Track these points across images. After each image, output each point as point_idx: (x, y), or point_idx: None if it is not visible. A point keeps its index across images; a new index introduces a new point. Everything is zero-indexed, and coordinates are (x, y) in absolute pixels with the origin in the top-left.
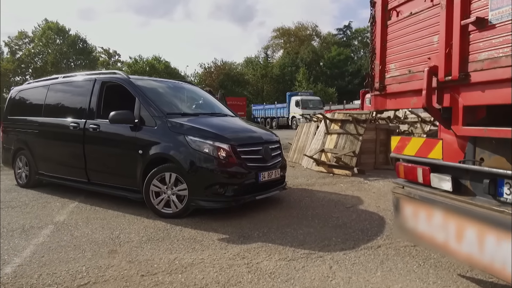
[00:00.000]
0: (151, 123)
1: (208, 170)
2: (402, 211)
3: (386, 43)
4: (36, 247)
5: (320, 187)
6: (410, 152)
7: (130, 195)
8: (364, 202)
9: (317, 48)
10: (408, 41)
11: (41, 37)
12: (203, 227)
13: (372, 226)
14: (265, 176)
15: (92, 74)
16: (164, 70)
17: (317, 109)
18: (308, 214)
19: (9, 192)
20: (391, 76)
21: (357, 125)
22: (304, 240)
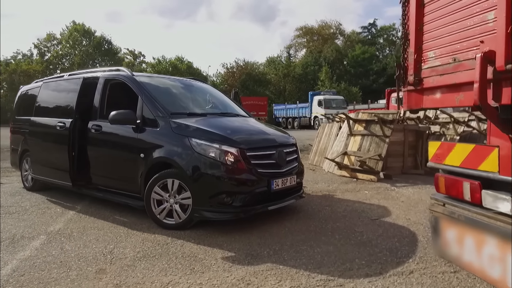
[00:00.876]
0: (154, 124)
1: (213, 177)
2: (443, 234)
3: (423, 26)
4: (20, 262)
5: (342, 194)
6: (454, 162)
7: (132, 202)
8: (391, 213)
9: (341, 46)
10: (453, 21)
11: (68, 39)
12: (207, 242)
13: (402, 245)
14: (278, 183)
15: (96, 72)
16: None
17: (341, 108)
18: (327, 228)
19: (13, 196)
20: (430, 67)
21: (384, 125)
22: (322, 262)
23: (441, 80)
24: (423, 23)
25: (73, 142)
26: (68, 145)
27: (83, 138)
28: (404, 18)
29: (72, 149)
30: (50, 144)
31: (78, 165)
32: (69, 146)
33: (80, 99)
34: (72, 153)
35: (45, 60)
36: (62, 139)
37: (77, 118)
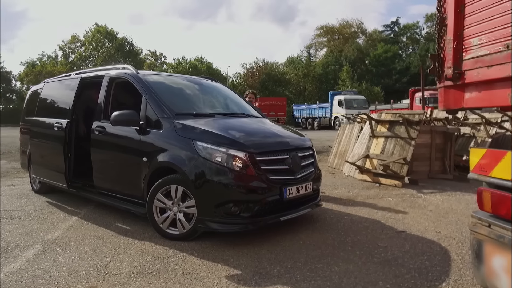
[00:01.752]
0: (158, 126)
1: (220, 184)
2: (488, 261)
3: (464, 7)
4: (6, 277)
5: (363, 201)
6: (504, 175)
7: (135, 208)
8: (419, 224)
9: (362, 45)
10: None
11: (91, 41)
12: (212, 256)
13: (432, 264)
14: (292, 191)
15: (102, 70)
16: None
17: (362, 109)
18: (347, 241)
19: (20, 198)
20: (474, 57)
21: (409, 127)
22: (340, 284)
23: (488, 72)
24: (465, 4)
25: (70, 143)
26: (64, 146)
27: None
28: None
29: (68, 151)
30: (47, 144)
31: (82, 167)
32: (64, 147)
33: (78, 100)
34: (68, 154)
35: (69, 61)
36: (59, 140)
37: (73, 119)
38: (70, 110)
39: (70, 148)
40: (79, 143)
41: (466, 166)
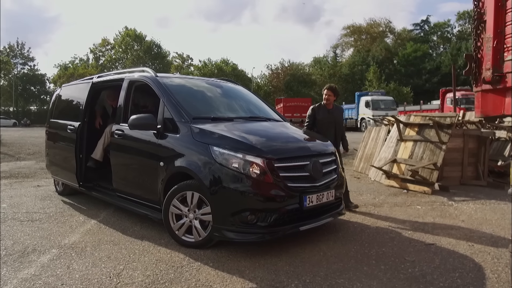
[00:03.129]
0: (175, 130)
1: (236, 191)
2: None
3: (507, 1)
4: (20, 283)
5: (389, 210)
6: None
7: (152, 214)
8: (450, 236)
9: (391, 45)
10: None
11: (121, 44)
12: (227, 267)
13: (465, 283)
14: (313, 200)
15: (122, 73)
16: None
17: (390, 110)
18: (371, 254)
19: (43, 200)
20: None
21: (440, 130)
22: None
23: None
24: None
25: (81, 145)
26: (75, 147)
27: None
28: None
29: (80, 152)
30: (62, 145)
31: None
32: (76, 148)
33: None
34: (80, 155)
35: (99, 64)
36: (71, 141)
37: (85, 121)
38: (82, 112)
39: (82, 149)
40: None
41: (501, 172)
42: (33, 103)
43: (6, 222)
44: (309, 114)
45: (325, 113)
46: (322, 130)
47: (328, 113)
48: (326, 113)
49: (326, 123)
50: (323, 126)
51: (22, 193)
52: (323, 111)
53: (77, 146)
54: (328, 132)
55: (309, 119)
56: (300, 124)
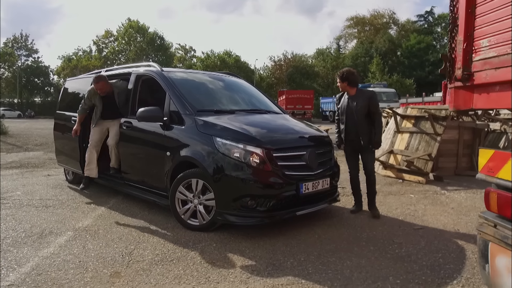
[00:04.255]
0: (180, 122)
1: (237, 178)
2: (492, 261)
3: (475, 8)
4: (40, 260)
5: (384, 198)
6: (509, 176)
7: (159, 200)
8: (438, 221)
9: (394, 36)
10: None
11: (124, 36)
12: (229, 247)
13: (446, 262)
14: (308, 187)
15: (129, 67)
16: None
17: (392, 102)
18: (362, 237)
19: (54, 188)
20: (483, 59)
21: (435, 122)
22: (350, 278)
23: (496, 74)
24: (476, 4)
25: (84, 135)
26: (79, 137)
27: None
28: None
29: (83, 141)
30: (67, 135)
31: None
32: (79, 138)
33: None
34: (83, 144)
35: (103, 56)
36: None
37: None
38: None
39: (85, 139)
40: None
41: None
42: (37, 94)
43: (22, 208)
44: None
45: (346, 100)
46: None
47: (349, 100)
48: (346, 101)
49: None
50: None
51: (34, 182)
52: (344, 99)
53: (81, 136)
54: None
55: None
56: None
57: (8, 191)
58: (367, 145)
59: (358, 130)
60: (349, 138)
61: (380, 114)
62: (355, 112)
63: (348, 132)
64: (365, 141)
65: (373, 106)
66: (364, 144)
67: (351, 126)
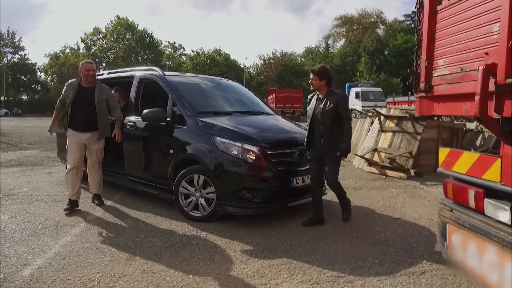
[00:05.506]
0: (182, 122)
1: (236, 174)
2: (449, 239)
3: (435, 34)
4: (61, 247)
5: (367, 192)
6: (461, 169)
7: (163, 194)
8: (415, 212)
9: (382, 36)
10: (461, 31)
11: (113, 33)
12: (229, 235)
13: (418, 245)
14: (299, 181)
15: (131, 71)
16: (224, 63)
17: (379, 101)
18: (346, 226)
19: (59, 185)
20: (440, 75)
21: (415, 122)
22: (335, 259)
23: (449, 88)
24: (435, 31)
25: None
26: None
27: None
28: (418, 24)
29: None
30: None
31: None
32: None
33: None
34: None
35: (91, 53)
36: None
37: None
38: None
39: None
40: None
41: None
42: (24, 92)
43: (33, 203)
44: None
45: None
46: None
47: (317, 102)
48: (315, 103)
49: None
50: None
51: (38, 179)
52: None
53: None
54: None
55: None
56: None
57: (15, 187)
58: (328, 152)
59: (322, 134)
60: (314, 143)
61: (349, 119)
62: (321, 115)
63: (312, 137)
64: (327, 147)
65: (343, 110)
66: (325, 151)
67: (316, 129)
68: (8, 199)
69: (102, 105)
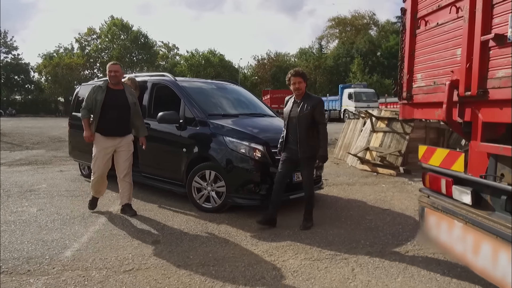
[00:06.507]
0: (194, 124)
1: (243, 169)
2: (427, 219)
3: (414, 53)
4: (93, 234)
5: (360, 187)
6: (435, 163)
7: (176, 189)
8: (402, 204)
9: (374, 37)
10: (434, 52)
11: (107, 33)
12: (238, 223)
13: (404, 231)
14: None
15: (145, 76)
16: (218, 63)
17: (371, 102)
18: (341, 215)
19: (74, 182)
20: (418, 86)
21: (404, 123)
22: (332, 241)
23: (425, 97)
24: (415, 50)
25: None
26: None
27: None
28: (401, 44)
29: None
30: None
31: None
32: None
33: None
34: None
35: (85, 53)
36: None
37: None
38: None
39: None
40: None
41: None
42: (18, 92)
43: (55, 198)
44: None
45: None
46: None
47: (294, 105)
48: (291, 106)
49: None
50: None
51: (52, 177)
52: (290, 104)
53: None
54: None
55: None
56: None
57: (34, 184)
58: (304, 156)
59: (298, 138)
60: (288, 146)
61: (325, 124)
62: (298, 118)
63: (288, 140)
64: (302, 151)
65: (318, 115)
66: (301, 154)
67: (292, 132)
68: (31, 194)
69: (136, 107)
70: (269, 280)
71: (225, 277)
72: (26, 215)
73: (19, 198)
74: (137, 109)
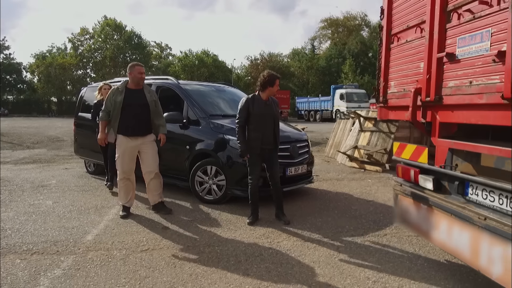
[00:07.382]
0: (197, 123)
1: (242, 164)
2: (399, 204)
3: (389, 64)
4: (108, 222)
5: (348, 182)
6: (406, 156)
7: (179, 183)
8: (385, 197)
9: (366, 38)
10: (404, 64)
11: (101, 34)
12: (238, 212)
13: (385, 218)
14: (292, 171)
15: (150, 79)
16: (212, 64)
17: (362, 102)
18: (330, 206)
19: (81, 178)
20: (392, 92)
21: (390, 123)
22: (321, 227)
23: (397, 101)
24: (389, 61)
25: None
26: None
27: None
28: (379, 56)
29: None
30: (89, 133)
31: None
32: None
33: None
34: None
35: (78, 53)
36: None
37: None
38: None
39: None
40: None
41: None
42: (10, 92)
43: (66, 192)
44: (242, 107)
45: (261, 105)
46: (259, 126)
47: (265, 105)
48: (263, 106)
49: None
50: (260, 120)
51: (59, 174)
52: (259, 104)
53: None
54: (266, 128)
55: (242, 113)
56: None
57: (44, 180)
58: (275, 151)
59: (274, 133)
60: (262, 146)
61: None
62: (274, 116)
63: (260, 139)
64: (274, 147)
65: (279, 114)
66: (273, 150)
67: (268, 130)
68: (44, 189)
69: (156, 105)
70: (266, 256)
71: (229, 254)
72: (43, 207)
73: (33, 192)
74: (158, 107)
